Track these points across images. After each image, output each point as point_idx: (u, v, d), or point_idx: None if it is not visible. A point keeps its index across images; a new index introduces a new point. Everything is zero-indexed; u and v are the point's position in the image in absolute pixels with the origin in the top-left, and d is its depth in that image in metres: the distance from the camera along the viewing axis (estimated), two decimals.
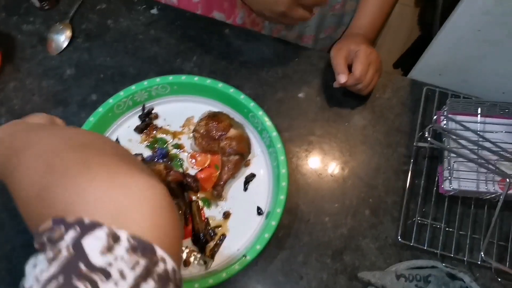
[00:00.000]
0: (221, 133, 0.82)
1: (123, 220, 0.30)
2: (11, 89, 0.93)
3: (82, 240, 0.29)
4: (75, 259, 0.28)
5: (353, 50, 0.87)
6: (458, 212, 0.82)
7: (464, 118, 0.85)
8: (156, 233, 0.31)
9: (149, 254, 0.30)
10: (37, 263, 0.29)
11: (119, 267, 0.28)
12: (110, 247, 0.28)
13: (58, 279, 0.27)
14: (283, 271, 0.79)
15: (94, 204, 0.31)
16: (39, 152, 0.37)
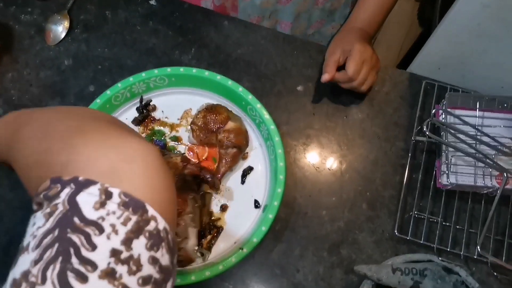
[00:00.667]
0: (219, 125, 0.82)
1: (116, 178, 0.31)
2: (9, 79, 0.93)
3: (76, 197, 0.30)
4: (69, 213, 0.29)
5: (346, 50, 0.87)
6: (455, 207, 0.82)
7: (462, 112, 0.85)
8: (148, 192, 0.32)
9: (140, 211, 0.30)
10: (35, 221, 0.30)
11: (111, 222, 0.29)
12: (103, 203, 0.29)
13: (53, 233, 0.28)
14: (280, 264, 0.79)
15: (87, 163, 0.32)
16: (38, 124, 0.38)
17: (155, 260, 0.30)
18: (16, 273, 0.28)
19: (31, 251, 0.28)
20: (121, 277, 0.28)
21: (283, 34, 1.00)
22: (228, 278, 0.78)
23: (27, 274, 0.27)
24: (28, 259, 0.28)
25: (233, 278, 0.78)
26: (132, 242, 0.29)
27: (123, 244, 0.29)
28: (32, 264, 0.28)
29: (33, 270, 0.27)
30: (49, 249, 0.28)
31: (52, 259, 0.27)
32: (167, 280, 0.32)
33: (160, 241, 0.31)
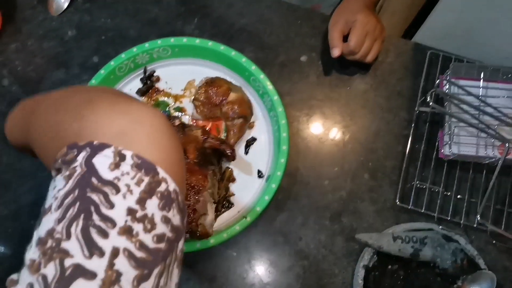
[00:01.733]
0: (222, 98, 0.82)
1: (126, 140, 0.33)
2: (13, 50, 0.93)
3: (92, 159, 0.31)
4: (87, 175, 0.31)
5: (350, 21, 0.86)
6: (457, 177, 0.83)
7: (466, 83, 0.84)
8: (158, 154, 0.33)
9: (151, 173, 0.32)
10: (56, 185, 0.32)
11: (126, 182, 0.31)
12: (117, 164, 0.31)
13: (74, 193, 0.30)
14: (282, 232, 0.81)
15: (98, 128, 0.33)
16: (51, 102, 0.39)
17: (167, 220, 0.32)
18: (41, 232, 0.30)
19: (54, 211, 0.30)
20: (138, 234, 0.30)
21: (287, 3, 0.99)
22: (232, 245, 0.80)
23: (52, 232, 0.29)
24: (51, 218, 0.30)
25: (237, 246, 0.80)
26: (146, 202, 0.31)
27: (137, 203, 0.30)
28: (56, 223, 0.29)
29: (57, 227, 0.29)
30: (71, 208, 0.29)
31: (74, 217, 0.29)
32: (179, 240, 0.34)
33: (171, 202, 0.33)
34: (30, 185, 0.83)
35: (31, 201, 0.82)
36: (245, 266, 0.79)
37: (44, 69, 0.92)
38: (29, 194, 0.83)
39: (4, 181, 0.83)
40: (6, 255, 0.79)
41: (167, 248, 0.31)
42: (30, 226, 0.80)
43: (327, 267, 0.79)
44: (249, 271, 0.78)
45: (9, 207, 0.82)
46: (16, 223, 0.81)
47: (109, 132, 0.33)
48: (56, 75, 0.91)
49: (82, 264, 0.28)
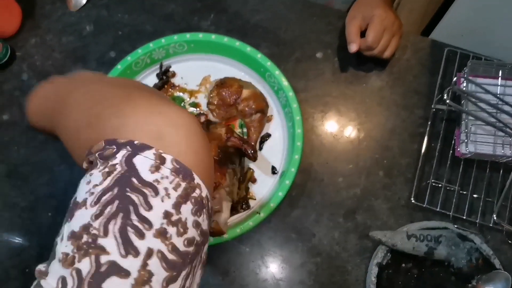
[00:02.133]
0: (235, 97, 0.83)
1: (166, 143, 0.33)
2: (32, 45, 0.95)
3: (133, 159, 0.32)
4: (128, 174, 0.31)
5: (367, 16, 0.86)
6: (473, 175, 0.82)
7: (484, 81, 0.83)
8: (194, 160, 0.34)
9: (188, 178, 0.33)
10: (91, 179, 0.32)
11: (165, 186, 0.31)
12: (158, 167, 0.32)
13: (113, 191, 0.30)
14: (296, 228, 0.81)
15: (137, 127, 0.34)
16: (85, 91, 0.40)
17: (198, 224, 0.33)
18: (75, 226, 0.30)
19: (89, 207, 0.30)
20: (171, 237, 0.30)
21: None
22: (245, 241, 0.80)
23: (87, 227, 0.29)
24: (87, 213, 0.30)
25: (250, 241, 0.80)
26: (181, 206, 0.32)
27: (174, 207, 0.31)
28: (93, 218, 0.30)
29: (94, 223, 0.29)
30: (109, 205, 0.30)
31: (113, 215, 0.29)
32: (205, 243, 0.35)
33: (202, 207, 0.34)
34: (47, 178, 0.85)
35: (48, 194, 0.83)
36: (258, 261, 0.79)
37: (62, 63, 0.93)
38: (46, 186, 0.84)
39: (22, 173, 0.85)
40: (24, 246, 0.80)
41: (195, 251, 0.32)
42: (47, 218, 0.81)
43: (340, 264, 0.79)
44: (262, 266, 0.79)
45: (27, 199, 0.83)
46: (34, 215, 0.82)
47: (148, 132, 0.34)
48: (74, 69, 0.92)
49: (118, 262, 0.28)
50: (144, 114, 0.35)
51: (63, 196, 0.83)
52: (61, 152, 0.86)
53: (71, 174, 0.84)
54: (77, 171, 0.84)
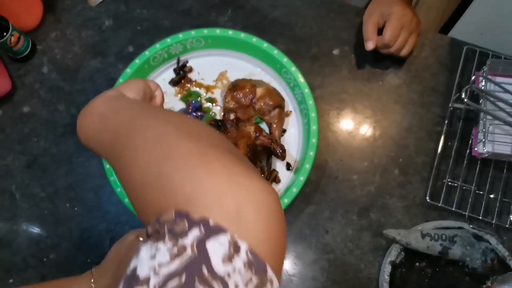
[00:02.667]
0: (250, 97, 0.83)
1: (243, 226, 0.30)
2: (53, 39, 0.96)
3: (206, 243, 0.29)
4: (198, 261, 0.28)
5: (385, 13, 0.85)
6: (490, 175, 0.81)
7: (503, 80, 0.82)
8: (270, 249, 0.31)
9: (261, 272, 0.29)
10: (156, 254, 0.29)
11: (235, 280, 0.28)
12: (231, 257, 0.28)
13: (180, 278, 0.27)
14: (310, 224, 0.81)
15: (214, 201, 0.31)
16: (151, 136, 0.37)
17: None
18: None
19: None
20: None
21: None
22: None
23: None
24: None
25: None
26: None
27: None
28: None
29: None
30: None
31: None
32: None
33: None
34: (66, 169, 0.86)
35: (67, 185, 0.85)
36: None
37: (82, 57, 0.94)
38: (65, 177, 0.86)
39: (42, 164, 0.87)
40: (42, 236, 0.82)
41: None
42: (65, 209, 0.83)
43: (353, 261, 0.79)
44: None
45: (46, 190, 0.85)
46: (52, 205, 0.84)
47: (226, 209, 0.31)
48: (93, 63, 0.94)
49: None
50: (221, 183, 0.32)
51: (81, 187, 0.85)
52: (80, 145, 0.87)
53: (89, 166, 0.86)
54: (95, 163, 0.86)
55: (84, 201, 0.84)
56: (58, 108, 0.90)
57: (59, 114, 0.90)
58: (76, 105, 0.91)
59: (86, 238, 0.82)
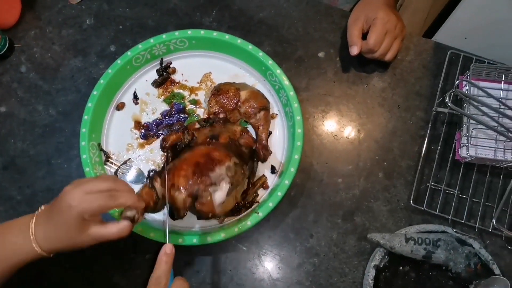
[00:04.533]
0: (235, 100, 0.82)
1: None
2: (32, 37, 0.93)
3: None
4: None
5: (370, 18, 0.85)
6: (473, 180, 0.82)
7: (487, 85, 0.83)
8: None
9: None
10: None
11: None
12: None
13: None
14: (294, 228, 0.80)
15: None
16: None
17: None
18: None
19: None
20: None
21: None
22: (243, 240, 0.79)
23: None
24: None
25: (248, 240, 0.80)
26: None
27: None
28: None
29: None
30: None
31: None
32: None
33: None
34: (44, 171, 0.84)
35: (45, 187, 0.83)
36: (255, 260, 0.79)
37: (62, 56, 0.92)
38: (43, 180, 0.83)
39: (19, 166, 0.84)
40: None
41: None
42: None
43: (338, 265, 0.78)
44: (259, 266, 0.78)
45: (24, 192, 0.82)
46: (30, 209, 0.81)
47: None
48: (74, 62, 0.92)
49: None
50: None
51: (60, 190, 0.82)
52: (59, 146, 0.85)
53: (69, 169, 0.84)
54: (74, 165, 0.83)
55: None
56: (37, 108, 0.88)
57: (37, 114, 0.87)
58: (55, 105, 0.88)
59: None
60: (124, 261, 0.78)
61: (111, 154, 0.83)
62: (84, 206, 0.55)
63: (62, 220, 0.56)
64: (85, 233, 0.57)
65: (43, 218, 0.58)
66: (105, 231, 0.58)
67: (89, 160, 0.77)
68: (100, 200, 0.56)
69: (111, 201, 0.57)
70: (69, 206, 0.55)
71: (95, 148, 0.80)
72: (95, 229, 0.58)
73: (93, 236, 0.58)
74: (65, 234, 0.57)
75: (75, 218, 0.55)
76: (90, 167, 0.77)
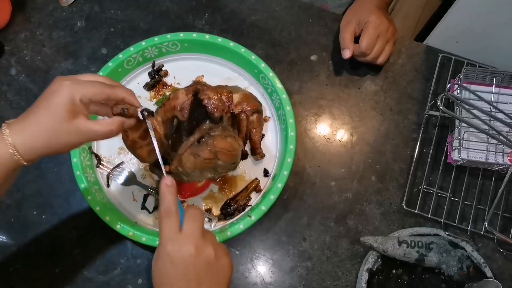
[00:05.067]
0: (228, 103, 0.81)
1: None
2: (22, 39, 0.93)
3: None
4: None
5: (362, 21, 0.86)
6: (465, 183, 0.82)
7: (478, 88, 0.83)
8: None
9: None
10: None
11: None
12: None
13: None
14: (287, 232, 0.80)
15: None
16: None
17: None
18: None
19: None
20: None
21: (299, 1, 0.98)
22: (236, 243, 0.79)
23: None
24: None
25: (241, 244, 0.79)
26: None
27: None
28: None
29: None
30: None
31: None
32: None
33: None
34: (34, 175, 0.83)
35: (35, 191, 0.82)
36: (247, 264, 0.78)
37: (53, 59, 0.91)
38: (33, 183, 0.82)
39: None
40: (8, 244, 0.78)
41: None
42: (33, 216, 0.80)
43: (331, 269, 0.78)
44: (251, 270, 0.78)
45: (13, 197, 0.81)
46: (19, 213, 0.80)
47: None
48: (64, 65, 0.91)
49: None
50: None
51: (50, 193, 0.82)
52: None
53: (59, 172, 0.83)
54: (65, 169, 0.82)
55: (54, 208, 0.80)
56: None
57: None
58: None
59: (55, 246, 0.79)
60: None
61: (103, 157, 0.82)
62: (78, 86, 0.52)
63: (48, 108, 0.51)
64: (73, 124, 0.52)
65: (20, 120, 0.52)
66: (93, 125, 0.54)
67: (80, 164, 0.76)
68: (95, 85, 0.53)
69: (106, 88, 0.54)
70: (60, 87, 0.51)
71: (86, 152, 0.80)
72: (83, 121, 0.53)
73: (81, 129, 0.53)
74: (50, 125, 0.51)
75: (64, 100, 0.51)
76: (81, 170, 0.76)
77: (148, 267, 0.77)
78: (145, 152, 0.65)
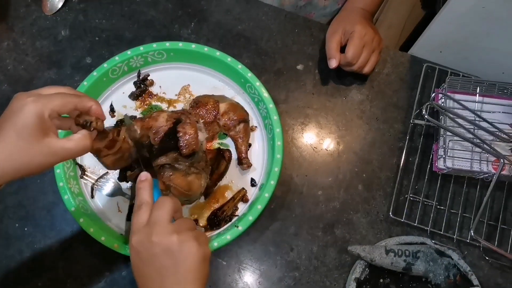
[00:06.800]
0: (214, 113, 0.81)
1: None
2: (4, 48, 0.91)
3: None
4: None
5: (348, 31, 0.86)
6: (451, 191, 0.83)
7: (462, 97, 0.84)
8: None
9: None
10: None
11: None
12: None
13: None
14: (274, 242, 0.80)
15: None
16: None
17: None
18: None
19: None
20: None
21: (285, 11, 0.99)
22: (223, 254, 0.78)
23: None
24: None
25: (228, 255, 0.78)
26: None
27: None
28: None
29: None
30: None
31: None
32: None
33: None
34: (16, 186, 0.81)
35: (17, 202, 0.80)
36: (235, 275, 0.77)
37: (36, 68, 0.90)
38: (15, 194, 0.80)
39: None
40: None
41: None
42: (15, 229, 0.78)
43: (319, 279, 0.78)
44: (238, 281, 0.77)
45: None
46: (0, 225, 0.78)
47: None
48: (48, 74, 0.90)
49: None
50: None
51: (33, 205, 0.80)
52: None
53: (42, 183, 0.81)
54: (47, 180, 0.81)
55: (36, 220, 0.79)
56: None
57: None
58: None
59: (38, 259, 0.77)
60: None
61: (87, 168, 0.81)
62: (44, 101, 0.49)
63: (15, 130, 0.48)
64: (44, 144, 0.49)
65: None
66: (65, 142, 0.51)
67: (63, 175, 0.75)
68: (60, 96, 0.51)
69: (73, 98, 0.51)
70: (25, 104, 0.48)
71: (69, 162, 0.78)
72: (54, 139, 0.50)
73: (53, 149, 0.50)
74: (20, 148, 0.48)
75: (32, 119, 0.48)
76: (64, 181, 0.75)
77: (133, 279, 0.75)
78: (109, 160, 0.65)
